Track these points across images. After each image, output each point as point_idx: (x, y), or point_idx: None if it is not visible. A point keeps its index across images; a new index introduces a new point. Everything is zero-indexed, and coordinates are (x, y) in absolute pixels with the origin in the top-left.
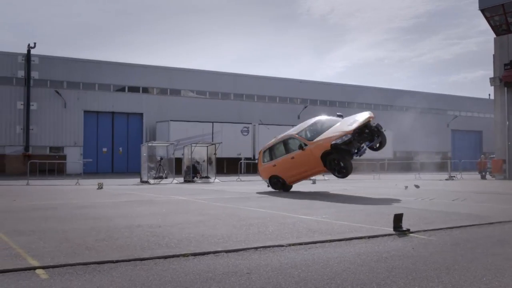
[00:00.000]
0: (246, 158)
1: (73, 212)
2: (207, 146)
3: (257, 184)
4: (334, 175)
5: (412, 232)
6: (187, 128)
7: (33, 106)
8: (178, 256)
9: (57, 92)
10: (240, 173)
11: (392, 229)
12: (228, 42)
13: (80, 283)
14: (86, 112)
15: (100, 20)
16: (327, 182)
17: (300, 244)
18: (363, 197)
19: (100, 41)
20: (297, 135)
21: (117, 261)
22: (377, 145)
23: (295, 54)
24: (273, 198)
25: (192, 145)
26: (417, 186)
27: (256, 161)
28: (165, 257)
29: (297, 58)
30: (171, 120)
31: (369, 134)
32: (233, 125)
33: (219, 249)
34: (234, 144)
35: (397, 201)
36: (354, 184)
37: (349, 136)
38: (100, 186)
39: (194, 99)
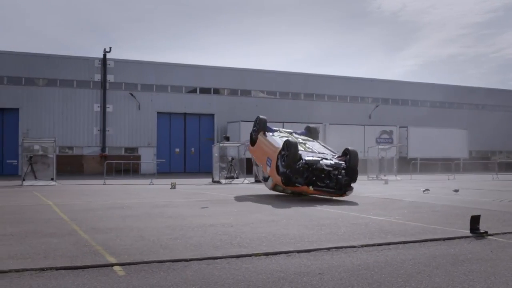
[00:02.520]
0: None
1: (147, 211)
2: None
3: None
4: None
5: (490, 235)
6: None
7: (109, 108)
8: (250, 255)
9: (132, 95)
10: None
11: (468, 231)
12: (297, 42)
13: (155, 281)
14: (159, 113)
15: (171, 23)
16: (400, 183)
17: (373, 245)
18: (438, 197)
19: (172, 44)
20: None
21: (190, 260)
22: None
23: (365, 52)
24: (345, 199)
25: None
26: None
27: None
28: (238, 256)
29: (367, 57)
30: (241, 121)
31: None
32: (303, 125)
33: (291, 249)
34: None
35: (473, 202)
36: (429, 184)
37: None
38: (173, 186)
39: (264, 100)
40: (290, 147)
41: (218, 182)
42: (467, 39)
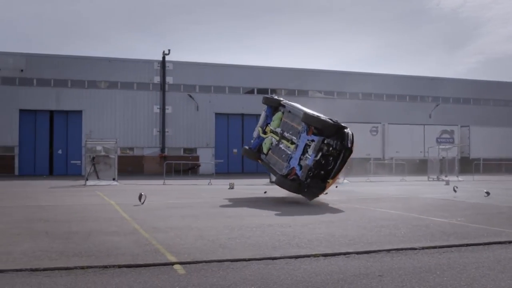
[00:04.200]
0: (375, 159)
1: (206, 211)
2: None
3: (389, 184)
4: None
5: None
6: None
7: (168, 110)
8: (309, 256)
9: (190, 96)
10: (370, 174)
11: None
12: (354, 41)
13: (215, 280)
14: (217, 114)
15: (229, 24)
16: (462, 184)
17: (434, 247)
18: (502, 199)
19: (229, 45)
20: None
21: (249, 260)
22: None
23: (424, 50)
24: (406, 200)
25: None
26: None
27: (386, 161)
28: (296, 257)
29: (427, 55)
30: None
31: None
32: (362, 125)
33: (350, 250)
34: (362, 144)
35: None
36: (492, 186)
37: None
38: (231, 186)
39: (321, 100)
40: None
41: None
42: None
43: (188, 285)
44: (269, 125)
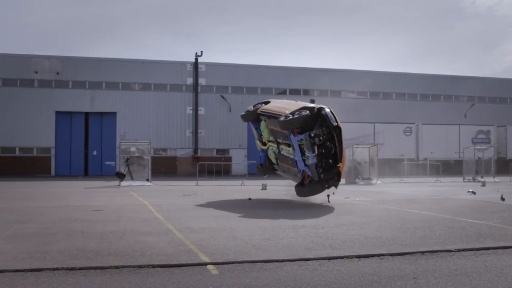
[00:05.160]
0: (409, 159)
1: (238, 211)
2: (368, 147)
3: (423, 185)
4: None
5: None
6: (347, 129)
7: (201, 111)
8: (342, 257)
9: (223, 97)
10: (403, 174)
11: None
12: (387, 41)
13: (248, 280)
14: None
15: (260, 25)
16: (498, 185)
17: (470, 249)
18: None
19: (261, 46)
20: None
21: (282, 261)
22: None
23: (459, 49)
24: (441, 201)
25: (354, 146)
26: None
27: (420, 162)
28: (329, 258)
29: (462, 54)
30: None
31: None
32: (395, 125)
33: (384, 252)
34: (396, 144)
35: None
36: None
37: None
38: (264, 187)
39: (354, 100)
40: None
41: None
42: None
43: (221, 286)
44: (262, 136)
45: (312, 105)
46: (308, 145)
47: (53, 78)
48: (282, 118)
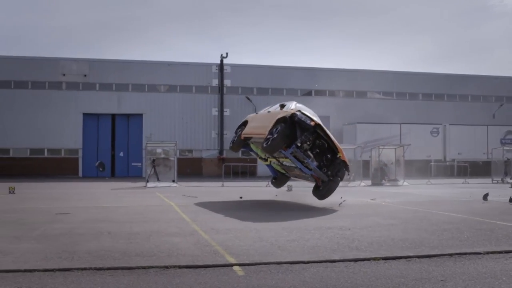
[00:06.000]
0: (436, 160)
1: (264, 213)
2: (395, 148)
3: (450, 187)
4: None
5: None
6: (374, 130)
7: (226, 112)
8: (368, 259)
9: (248, 99)
10: (430, 176)
11: None
12: (412, 41)
13: (274, 282)
14: None
15: (285, 26)
16: None
17: (500, 252)
18: None
19: (286, 47)
20: None
21: (308, 262)
22: None
23: (488, 48)
24: (469, 203)
25: (380, 147)
26: None
27: (447, 163)
28: (355, 260)
29: (490, 53)
30: (357, 123)
31: None
32: (422, 126)
33: (411, 254)
34: (423, 145)
35: None
36: None
37: None
38: (290, 188)
39: (380, 100)
40: None
41: None
42: None
43: (247, 287)
44: (259, 155)
45: (284, 112)
46: (301, 154)
47: (81, 81)
48: (264, 145)
